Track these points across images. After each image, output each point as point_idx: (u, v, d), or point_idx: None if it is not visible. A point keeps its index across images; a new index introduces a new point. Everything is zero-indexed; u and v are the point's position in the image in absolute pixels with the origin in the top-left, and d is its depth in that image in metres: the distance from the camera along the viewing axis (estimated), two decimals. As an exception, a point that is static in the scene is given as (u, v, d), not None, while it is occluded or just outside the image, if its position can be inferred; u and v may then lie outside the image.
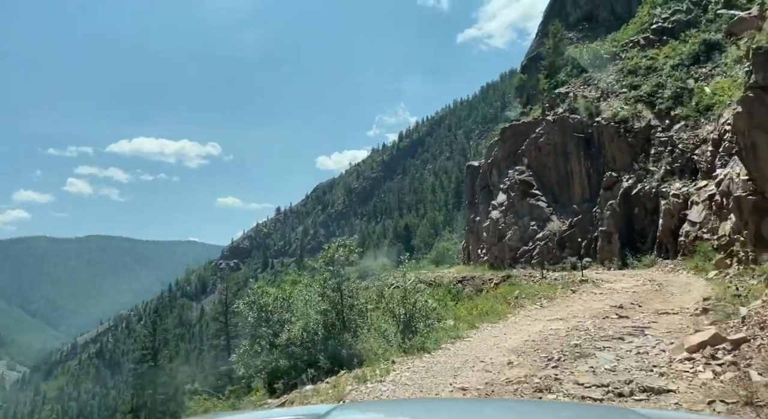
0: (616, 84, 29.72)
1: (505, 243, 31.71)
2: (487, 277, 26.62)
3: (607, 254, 26.24)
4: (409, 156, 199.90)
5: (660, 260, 23.40)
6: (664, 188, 24.20)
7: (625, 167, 27.05)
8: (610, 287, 17.24)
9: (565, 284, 19.19)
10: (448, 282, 22.56)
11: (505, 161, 34.55)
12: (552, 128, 31.30)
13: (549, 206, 31.05)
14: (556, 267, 28.34)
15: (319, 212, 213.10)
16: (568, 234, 28.95)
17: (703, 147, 23.66)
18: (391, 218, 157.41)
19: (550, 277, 23.85)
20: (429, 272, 33.23)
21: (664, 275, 20.81)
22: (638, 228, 25.46)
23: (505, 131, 34.80)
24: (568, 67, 33.26)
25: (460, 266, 38.98)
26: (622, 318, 10.22)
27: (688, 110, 25.49)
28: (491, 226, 33.13)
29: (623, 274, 22.46)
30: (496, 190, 34.74)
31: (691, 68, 27.29)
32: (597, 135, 28.63)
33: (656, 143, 26.08)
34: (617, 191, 26.57)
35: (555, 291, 16.16)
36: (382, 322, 9.02)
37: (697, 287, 15.85)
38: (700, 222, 21.01)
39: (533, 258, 29.86)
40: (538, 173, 32.17)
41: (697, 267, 19.26)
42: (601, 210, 27.30)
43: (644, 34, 31.36)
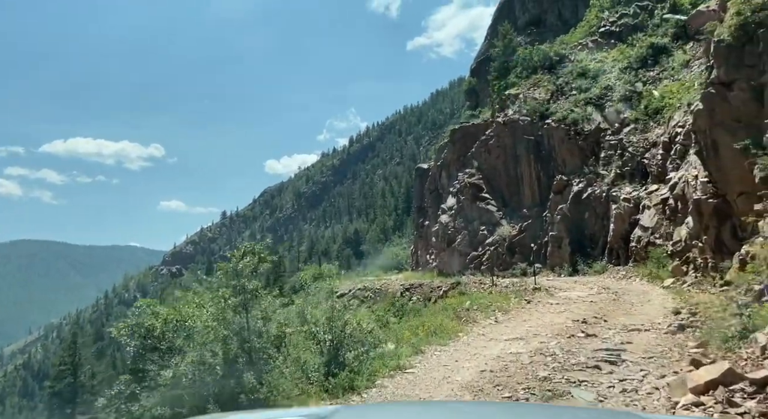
0: (565, 86, 29.08)
1: (455, 248, 30.39)
2: (435, 284, 25.10)
3: (558, 260, 25.33)
4: (359, 161, 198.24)
5: (611, 266, 22.61)
6: (615, 192, 23.50)
7: (575, 170, 26.29)
8: (566, 297, 16.00)
9: (517, 292, 17.86)
10: (392, 294, 20.83)
11: (454, 163, 33.34)
12: (502, 130, 30.33)
13: (499, 211, 30.02)
14: (506, 273, 27.24)
15: (267, 216, 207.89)
16: (518, 239, 27.95)
17: (653, 151, 23.12)
18: (341, 223, 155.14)
19: (500, 284, 22.58)
20: (376, 279, 31.48)
21: (617, 282, 19.92)
22: (589, 233, 24.67)
23: (455, 132, 33.62)
24: (518, 68, 32.47)
25: (409, 272, 37.46)
26: (590, 337, 8.75)
27: (638, 114, 25.02)
28: (440, 231, 31.77)
29: (575, 281, 21.48)
30: (445, 193, 33.46)
31: (639, 72, 26.94)
32: (547, 138, 27.82)
33: (606, 147, 25.45)
34: (567, 195, 25.75)
35: (508, 302, 14.72)
36: (304, 350, 7.15)
37: (655, 297, 14.81)
38: (652, 227, 20.27)
39: (483, 264, 28.67)
40: (488, 176, 31.12)
41: (651, 274, 18.41)
42: (551, 215, 26.42)
43: (592, 37, 30.99)
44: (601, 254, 23.55)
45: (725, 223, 13.74)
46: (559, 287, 19.33)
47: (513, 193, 29.83)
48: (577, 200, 25.12)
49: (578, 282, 20.74)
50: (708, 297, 12.17)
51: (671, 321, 9.64)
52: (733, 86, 13.13)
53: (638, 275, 19.87)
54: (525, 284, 20.53)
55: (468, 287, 23.85)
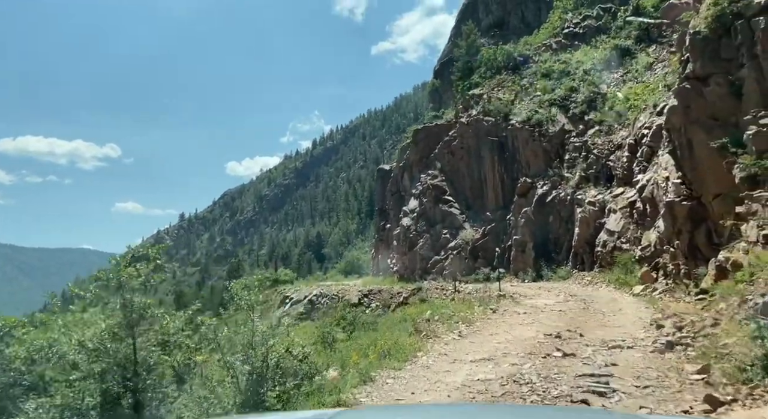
0: (529, 87, 28.36)
1: (416, 253, 29.15)
2: (396, 290, 23.75)
3: (521, 265, 24.41)
4: (322, 164, 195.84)
5: (576, 271, 21.79)
6: (580, 196, 22.75)
7: (539, 172, 25.49)
8: (532, 305, 14.89)
9: (482, 300, 16.67)
10: (344, 306, 19.31)
11: (417, 164, 32.16)
12: (466, 131, 29.34)
13: (462, 214, 28.98)
14: (468, 279, 26.15)
15: (227, 219, 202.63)
16: (482, 243, 26.95)
17: (618, 153, 22.48)
18: (303, 226, 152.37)
19: (463, 290, 21.42)
20: (334, 284, 29.88)
21: (583, 288, 19.03)
22: (553, 237, 23.84)
23: (418, 133, 32.46)
24: (482, 69, 31.63)
25: (369, 277, 36.03)
26: (568, 357, 7.52)
27: (602, 115, 24.43)
28: (402, 234, 30.48)
29: (539, 287, 20.53)
30: (407, 195, 32.22)
31: (603, 73, 26.45)
32: (511, 139, 26.96)
33: (571, 149, 24.75)
34: (532, 198, 24.90)
35: (473, 311, 13.46)
36: (218, 384, 5.58)
37: (627, 305, 13.85)
38: (618, 232, 19.51)
39: (445, 269, 27.51)
40: (452, 177, 30.07)
41: (618, 280, 17.56)
42: (515, 218, 25.52)
43: (556, 38, 30.44)
44: (566, 259, 22.73)
45: (700, 227, 12.89)
46: (524, 293, 18.29)
47: (476, 195, 28.86)
48: (541, 203, 24.28)
49: (543, 288, 19.79)
50: (685, 307, 11.21)
51: (655, 336, 8.53)
52: (710, 81, 12.30)
53: (604, 281, 19.05)
54: (489, 291, 19.42)
55: (429, 293, 22.60)
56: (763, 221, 9.58)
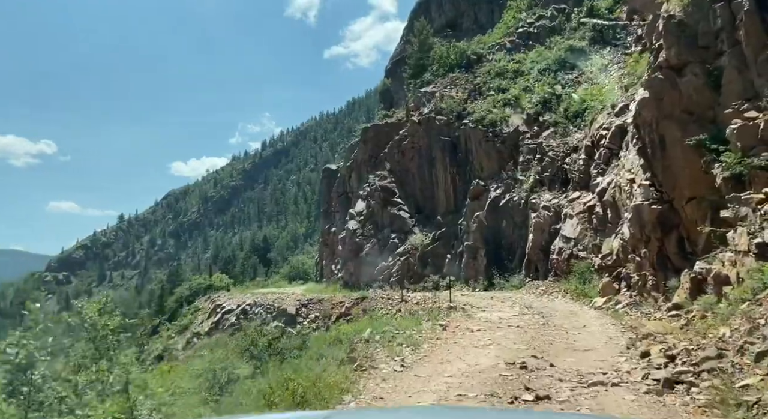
0: (483, 86, 27.04)
1: (363, 258, 27.14)
2: (338, 299, 21.64)
3: (473, 273, 22.86)
4: (272, 166, 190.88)
5: (529, 280, 20.42)
6: (534, 200, 21.44)
7: (493, 175, 24.10)
8: (487, 319, 13.18)
9: (431, 312, 14.85)
10: (259, 327, 17.01)
11: (366, 164, 30.22)
12: (417, 130, 27.68)
13: (412, 217, 27.24)
14: (417, 286, 24.38)
15: (170, 220, 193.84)
16: (432, 249, 25.27)
17: (574, 156, 21.34)
18: (250, 229, 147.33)
19: (411, 300, 19.60)
20: (271, 293, 27.39)
21: (538, 299, 17.59)
22: (506, 243, 22.44)
23: (367, 131, 30.55)
24: (435, 66, 30.14)
25: (312, 283, 33.70)
26: (542, 400, 5.67)
27: (557, 117, 23.34)
28: (348, 238, 28.40)
29: (492, 297, 18.97)
30: (354, 197, 30.20)
31: (558, 74, 25.46)
32: (464, 139, 25.48)
33: (525, 151, 23.49)
34: (485, 202, 23.45)
35: (420, 328, 11.58)
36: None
37: (589, 321, 12.36)
38: (575, 238, 18.23)
39: (393, 276, 25.65)
40: (402, 179, 28.31)
41: (576, 291, 16.18)
42: (467, 222, 23.99)
43: (510, 37, 29.35)
44: (519, 267, 21.35)
45: (670, 234, 11.55)
46: (476, 304, 16.62)
47: (427, 198, 27.22)
48: (494, 207, 22.86)
49: (496, 299, 18.22)
50: (661, 326, 9.73)
51: (642, 366, 6.87)
52: (685, 71, 10.99)
53: (560, 291, 17.69)
54: (438, 301, 17.67)
55: (375, 303, 20.66)
56: (755, 227, 8.17)
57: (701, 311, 9.32)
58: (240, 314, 23.06)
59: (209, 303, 28.45)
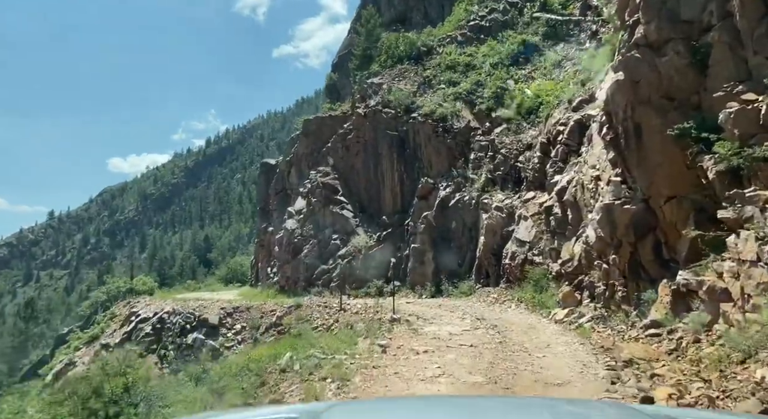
0: (433, 79, 25.27)
1: (301, 261, 24.68)
2: (269, 307, 19.12)
3: (420, 278, 20.94)
4: (216, 164, 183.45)
5: (480, 287, 18.71)
6: (486, 200, 19.79)
7: (442, 172, 22.30)
8: (435, 336, 11.21)
9: (369, 326, 12.74)
10: (168, 336, 14.41)
11: (307, 159, 27.77)
12: (362, 123, 25.53)
13: (356, 217, 25.04)
14: (359, 292, 22.22)
15: (105, 218, 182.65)
16: (376, 251, 23.16)
17: (528, 153, 19.87)
18: (191, 228, 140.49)
19: (350, 308, 17.43)
20: (199, 298, 24.40)
21: (490, 309, 15.84)
22: (456, 247, 20.66)
23: (309, 123, 28.12)
24: (383, 57, 28.14)
25: (247, 288, 30.86)
26: None
27: (510, 113, 21.85)
28: (285, 238, 25.86)
29: (440, 305, 17.10)
30: (294, 194, 27.67)
31: (510, 69, 24.04)
32: (413, 134, 23.57)
33: (476, 148, 21.84)
34: (433, 201, 21.60)
35: (354, 349, 9.42)
36: None
37: (552, 337, 10.61)
38: (530, 242, 16.64)
39: (333, 280, 23.36)
40: (345, 176, 26.07)
41: (532, 301, 14.51)
42: (414, 223, 22.06)
43: (461, 30, 27.79)
44: (469, 272, 19.61)
45: (645, 238, 9.95)
46: (423, 315, 14.65)
47: (373, 197, 25.11)
48: (443, 207, 21.05)
49: (445, 308, 16.35)
50: (643, 349, 8.01)
51: None
52: (666, 49, 9.40)
53: (513, 299, 16.04)
54: (381, 310, 15.64)
55: (310, 311, 18.32)
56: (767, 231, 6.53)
57: (692, 333, 7.66)
58: (157, 323, 20.09)
59: (127, 309, 25.11)
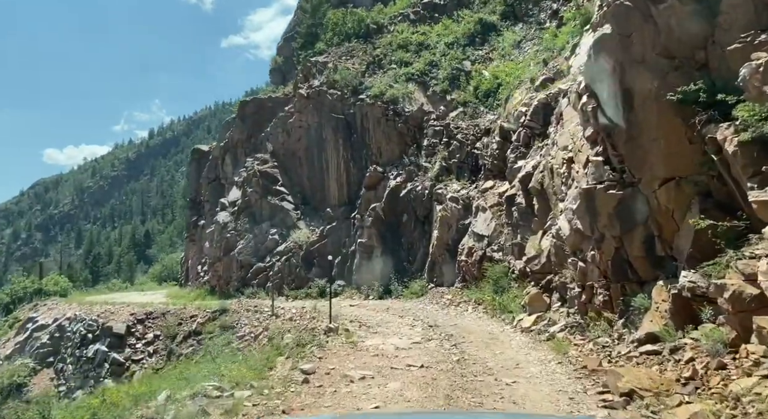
0: (383, 58, 23.05)
1: (234, 258, 21.93)
2: (189, 312, 16.40)
3: (367, 277, 18.71)
4: (159, 156, 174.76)
5: (433, 286, 16.68)
6: (440, 190, 17.76)
7: (393, 160, 20.13)
8: (378, 351, 9.01)
9: (299, 339, 10.40)
10: (67, 347, 11.66)
11: (243, 145, 24.94)
12: (305, 106, 22.99)
13: (297, 209, 22.52)
14: (299, 293, 19.81)
15: (38, 212, 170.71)
16: (319, 247, 20.76)
17: (485, 139, 17.97)
18: (131, 223, 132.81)
19: (284, 313, 15.00)
20: (112, 300, 21.15)
21: (444, 312, 13.84)
22: (407, 242, 18.56)
23: (246, 105, 25.30)
24: (329, 34, 25.67)
25: (176, 288, 27.72)
26: None
27: (467, 96, 19.94)
28: (217, 233, 23.01)
29: (387, 308, 14.98)
30: (228, 184, 24.80)
31: (466, 49, 22.13)
32: (360, 117, 21.26)
33: (430, 133, 19.78)
34: (382, 192, 19.40)
35: (266, 379, 7.06)
36: None
37: (519, 352, 8.63)
38: (488, 236, 14.72)
39: (270, 280, 20.79)
40: (286, 164, 23.47)
41: (492, 304, 12.55)
42: (361, 216, 19.81)
43: (414, 8, 25.68)
44: (421, 270, 17.55)
45: (633, 230, 8.08)
46: (367, 321, 12.48)
47: (316, 187, 22.65)
48: (393, 198, 18.88)
49: (393, 312, 14.23)
50: (647, 377, 6.03)
51: None
52: (666, -6, 7.49)
53: (470, 301, 14.08)
54: (318, 315, 13.33)
55: (238, 317, 15.76)
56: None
57: (709, 355, 5.76)
58: (55, 332, 16.90)
59: (30, 313, 21.54)
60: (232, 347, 13.70)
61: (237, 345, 13.97)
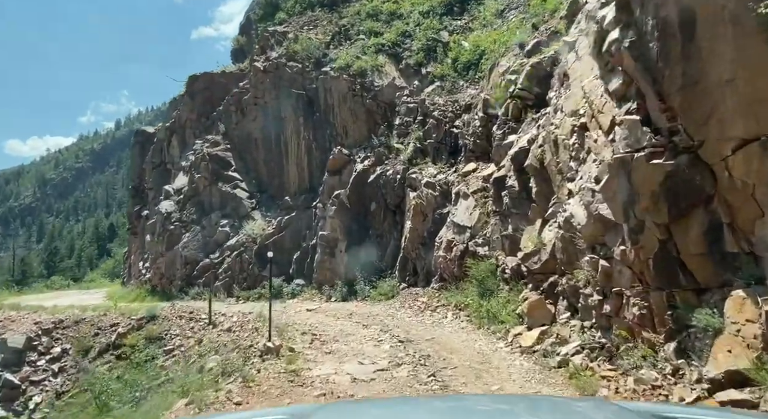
0: (351, 28, 20.22)
1: (178, 253, 18.91)
2: (110, 320, 13.36)
3: (329, 275, 15.99)
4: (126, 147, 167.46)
5: (405, 287, 14.05)
6: (414, 174, 15.12)
7: (360, 141, 17.40)
8: (327, 386, 6.36)
9: (225, 363, 7.65)
10: None
11: (192, 126, 21.81)
12: (262, 81, 20.01)
13: (252, 198, 19.60)
14: (252, 293, 16.97)
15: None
16: (276, 240, 17.90)
17: (466, 116, 15.37)
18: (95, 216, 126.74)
19: (224, 322, 12.17)
20: (31, 302, 17.86)
21: (418, 320, 11.24)
22: (375, 235, 15.88)
23: (195, 81, 22.13)
24: (290, 2, 22.69)
25: (117, 286, 24.47)
26: None
27: (444, 69, 17.31)
28: (159, 224, 19.91)
29: (350, 314, 12.35)
30: (175, 170, 21.65)
31: (444, 19, 19.47)
32: (324, 93, 18.43)
33: (403, 111, 17.09)
34: (348, 177, 16.66)
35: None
36: None
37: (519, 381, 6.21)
38: (471, 227, 12.15)
39: (219, 278, 17.88)
40: (240, 146, 20.49)
41: (478, 311, 9.97)
42: (323, 205, 17.04)
43: (388, -24, 22.84)
44: (392, 268, 14.90)
45: (691, 214, 5.57)
46: (322, 334, 9.82)
47: (274, 172, 19.75)
48: (360, 184, 16.16)
49: (356, 318, 11.59)
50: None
51: None
52: None
53: (449, 305, 11.51)
54: (263, 326, 10.58)
55: (168, 325, 12.84)
56: None
57: None
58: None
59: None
60: (156, 365, 10.83)
61: (162, 361, 11.11)
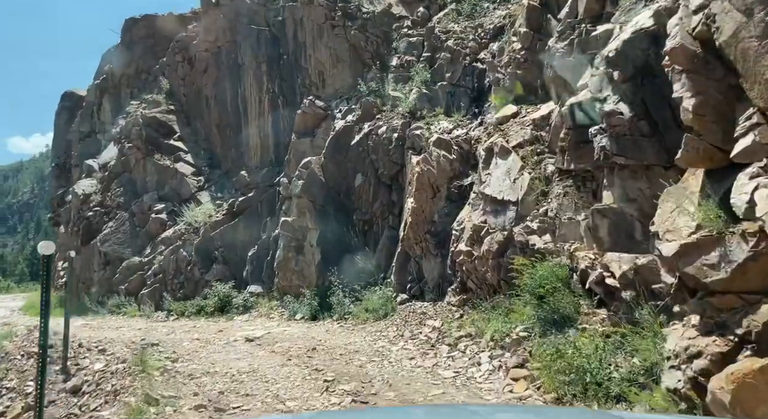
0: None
1: (95, 248, 13.59)
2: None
3: (294, 279, 10.65)
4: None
5: (406, 299, 8.71)
6: (418, 130, 9.78)
7: (342, 90, 12.07)
8: None
9: None
10: None
11: (129, 83, 16.48)
12: (214, 21, 14.66)
13: (199, 174, 14.29)
14: (188, 305, 11.63)
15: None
16: (225, 231, 12.59)
17: (495, 45, 10.03)
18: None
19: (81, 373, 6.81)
20: None
21: (427, 367, 5.89)
22: (360, 220, 10.51)
23: (133, 27, 16.76)
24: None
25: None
26: None
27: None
28: (74, 211, 14.60)
29: (313, 349, 7.04)
30: (106, 139, 16.32)
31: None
32: (293, 27, 13.06)
33: (402, 47, 11.78)
34: (324, 139, 11.34)
35: None
36: None
37: None
38: (519, 202, 6.86)
39: (147, 282, 12.56)
40: (188, 108, 15.17)
41: (547, 357, 4.66)
42: (288, 181, 11.68)
43: None
44: (385, 270, 9.55)
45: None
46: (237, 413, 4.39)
47: (230, 141, 14.43)
48: (341, 149, 10.82)
49: (319, 362, 6.23)
50: None
51: None
52: None
53: (480, 338, 6.30)
54: (144, 378, 5.19)
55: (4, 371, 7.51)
56: None
57: None
58: None
59: None
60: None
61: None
